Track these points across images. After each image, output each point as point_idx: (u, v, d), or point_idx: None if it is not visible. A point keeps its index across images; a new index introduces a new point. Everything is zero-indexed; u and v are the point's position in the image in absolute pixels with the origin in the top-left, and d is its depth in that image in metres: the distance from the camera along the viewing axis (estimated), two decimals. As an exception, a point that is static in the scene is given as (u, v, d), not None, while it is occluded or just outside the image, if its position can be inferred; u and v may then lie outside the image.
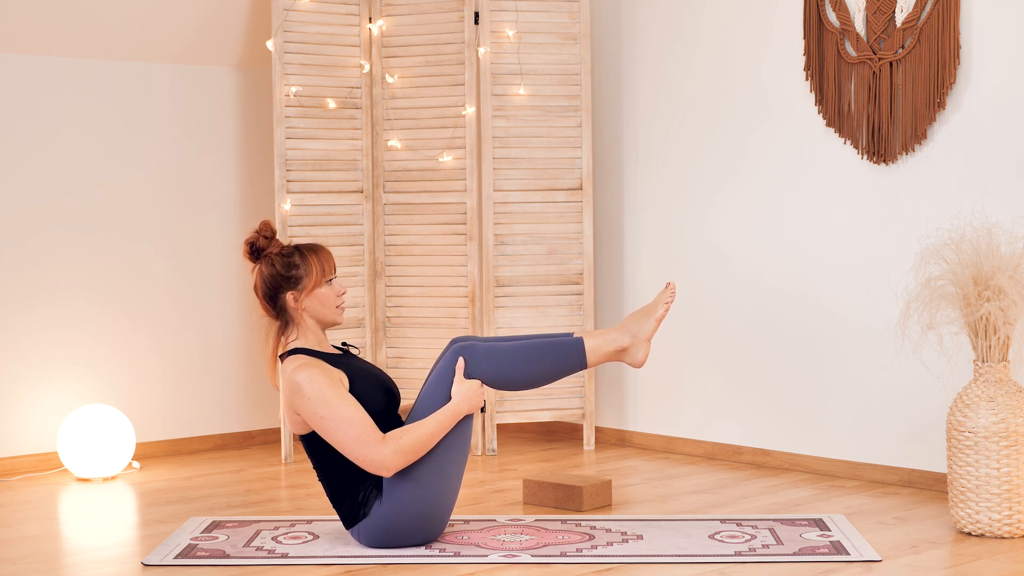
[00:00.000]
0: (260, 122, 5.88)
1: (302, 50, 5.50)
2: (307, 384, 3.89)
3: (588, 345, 4.04)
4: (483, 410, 3.92)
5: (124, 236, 5.56)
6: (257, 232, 4.03)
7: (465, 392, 3.95)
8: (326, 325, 4.09)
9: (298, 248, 4.05)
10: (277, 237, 4.06)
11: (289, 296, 4.03)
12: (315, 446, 3.99)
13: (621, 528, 4.22)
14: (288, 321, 4.05)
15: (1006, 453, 4.04)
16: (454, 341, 4.15)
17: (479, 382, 3.98)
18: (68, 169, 5.41)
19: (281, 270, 4.02)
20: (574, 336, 4.07)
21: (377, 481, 3.95)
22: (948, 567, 3.78)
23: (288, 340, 4.07)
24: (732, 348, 5.38)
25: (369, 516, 3.94)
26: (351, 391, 3.96)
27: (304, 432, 3.99)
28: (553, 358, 4.02)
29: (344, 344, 4.22)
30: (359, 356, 4.21)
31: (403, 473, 3.91)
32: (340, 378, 3.95)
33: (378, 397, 4.01)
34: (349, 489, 3.97)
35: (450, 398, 3.95)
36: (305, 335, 4.06)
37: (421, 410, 3.97)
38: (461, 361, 3.98)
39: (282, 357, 4.04)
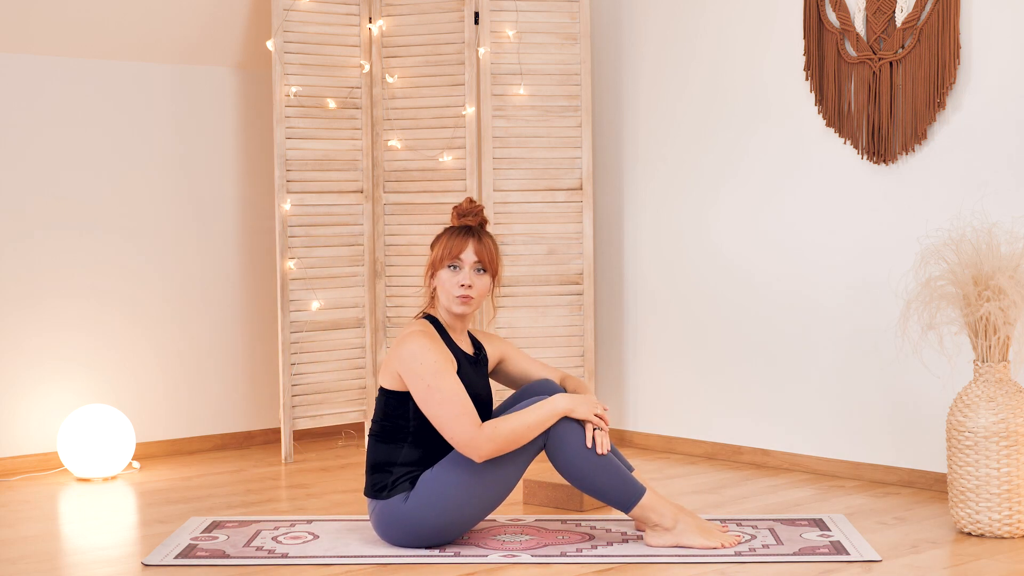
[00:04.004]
0: (260, 122, 5.88)
1: (302, 50, 5.50)
2: (421, 352, 3.89)
3: (644, 500, 3.94)
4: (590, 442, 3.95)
5: (124, 236, 5.56)
6: (469, 199, 4.09)
7: (581, 397, 3.98)
8: (446, 309, 4.07)
9: (455, 225, 4.07)
10: (484, 213, 4.12)
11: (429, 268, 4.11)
12: (390, 404, 3.98)
13: (621, 528, 4.22)
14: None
15: (1006, 453, 4.04)
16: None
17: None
18: (68, 169, 5.41)
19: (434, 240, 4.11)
20: (644, 487, 3.98)
21: (415, 476, 3.95)
22: (948, 567, 3.78)
23: (427, 307, 4.13)
24: (732, 348, 5.38)
25: (390, 501, 3.92)
26: None
27: (391, 387, 3.97)
28: (614, 481, 3.96)
29: (477, 354, 4.17)
30: (483, 373, 4.17)
31: (441, 481, 3.89)
32: (452, 362, 3.97)
33: None
34: (389, 464, 3.96)
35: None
36: (437, 312, 4.09)
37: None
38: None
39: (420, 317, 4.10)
